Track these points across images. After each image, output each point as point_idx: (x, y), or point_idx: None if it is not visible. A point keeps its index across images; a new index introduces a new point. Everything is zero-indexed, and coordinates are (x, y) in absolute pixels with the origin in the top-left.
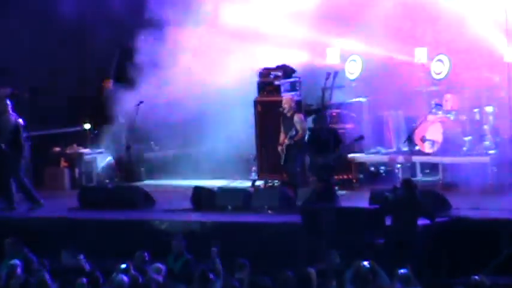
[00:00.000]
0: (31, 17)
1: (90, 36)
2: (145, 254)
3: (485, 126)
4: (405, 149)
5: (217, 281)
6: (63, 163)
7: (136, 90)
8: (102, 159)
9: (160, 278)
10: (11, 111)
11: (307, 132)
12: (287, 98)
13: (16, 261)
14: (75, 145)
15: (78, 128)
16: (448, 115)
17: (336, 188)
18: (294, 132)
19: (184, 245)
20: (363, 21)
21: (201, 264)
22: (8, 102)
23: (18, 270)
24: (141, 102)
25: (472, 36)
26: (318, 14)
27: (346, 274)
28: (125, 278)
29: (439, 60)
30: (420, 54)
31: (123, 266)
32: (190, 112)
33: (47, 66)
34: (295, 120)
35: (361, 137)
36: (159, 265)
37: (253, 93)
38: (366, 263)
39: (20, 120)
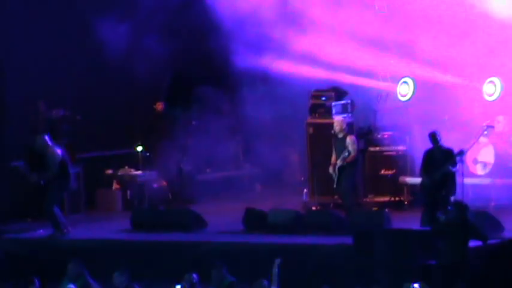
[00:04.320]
0: (84, 45)
1: (140, 61)
2: (194, 275)
3: None
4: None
5: None
6: (115, 185)
7: (189, 112)
8: (154, 181)
9: None
10: (51, 144)
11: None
12: (338, 120)
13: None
14: (127, 167)
15: (131, 150)
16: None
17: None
18: (346, 154)
19: (225, 270)
20: (414, 44)
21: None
22: (47, 138)
23: None
24: (194, 123)
25: None
26: (371, 36)
27: None
28: None
29: (491, 82)
30: (472, 77)
31: (178, 287)
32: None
33: (98, 91)
34: (348, 142)
35: (462, 152)
36: None
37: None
38: (416, 285)
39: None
